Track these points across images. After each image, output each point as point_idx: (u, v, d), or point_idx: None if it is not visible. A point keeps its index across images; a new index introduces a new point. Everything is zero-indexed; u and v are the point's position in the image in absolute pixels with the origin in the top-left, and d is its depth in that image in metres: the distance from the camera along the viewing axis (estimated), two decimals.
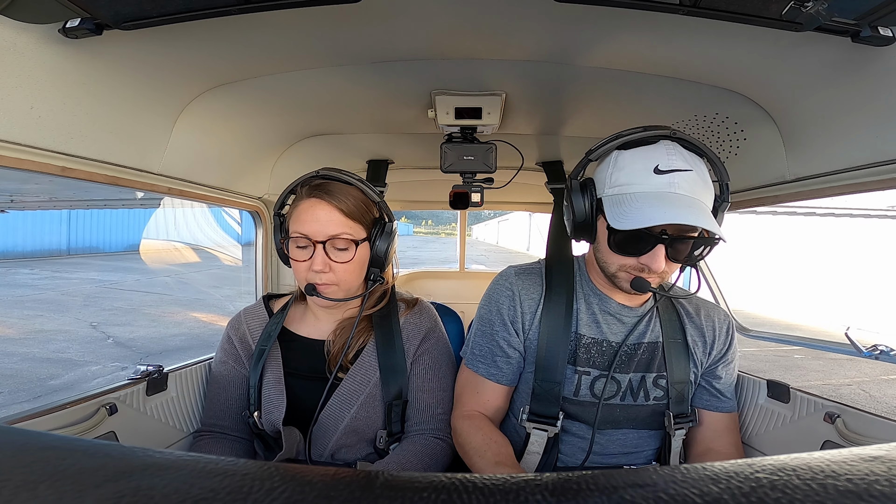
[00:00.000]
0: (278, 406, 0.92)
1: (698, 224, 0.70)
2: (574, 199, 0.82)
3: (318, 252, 0.87)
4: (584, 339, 0.88)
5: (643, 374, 0.88)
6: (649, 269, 0.77)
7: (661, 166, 0.75)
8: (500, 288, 0.94)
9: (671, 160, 0.75)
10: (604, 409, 0.87)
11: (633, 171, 0.77)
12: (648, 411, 0.89)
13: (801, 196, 1.01)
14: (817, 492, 0.15)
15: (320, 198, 0.87)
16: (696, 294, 0.88)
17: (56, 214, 15.34)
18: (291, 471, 0.18)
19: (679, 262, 0.79)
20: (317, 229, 0.86)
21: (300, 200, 0.90)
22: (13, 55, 0.64)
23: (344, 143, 1.43)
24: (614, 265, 0.81)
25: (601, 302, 0.90)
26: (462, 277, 2.96)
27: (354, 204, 0.89)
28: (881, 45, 0.64)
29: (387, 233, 0.94)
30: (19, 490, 0.16)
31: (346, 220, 0.88)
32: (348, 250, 0.89)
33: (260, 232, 1.52)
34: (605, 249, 0.81)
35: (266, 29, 0.78)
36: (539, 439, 0.86)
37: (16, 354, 5.12)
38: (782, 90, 0.89)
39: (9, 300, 7.99)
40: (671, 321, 0.91)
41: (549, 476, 0.17)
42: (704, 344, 0.93)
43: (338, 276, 0.89)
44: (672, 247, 0.76)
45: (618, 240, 0.78)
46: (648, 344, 0.89)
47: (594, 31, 0.79)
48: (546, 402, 0.86)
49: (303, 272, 0.89)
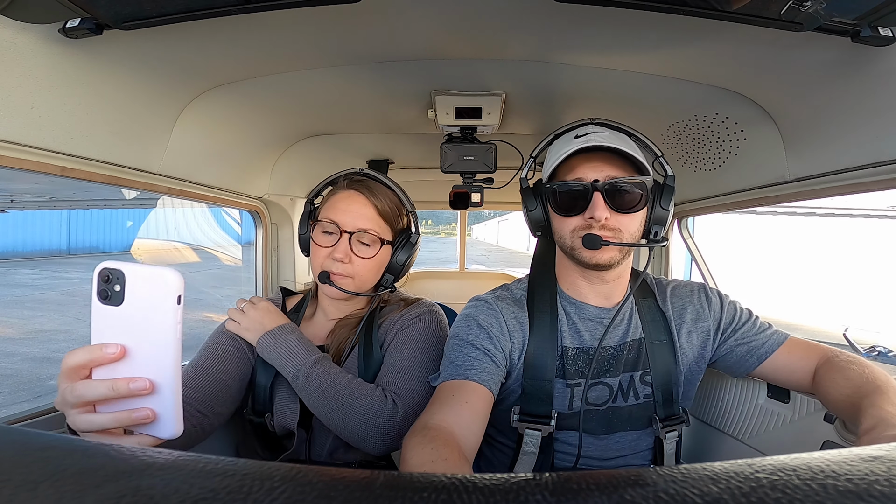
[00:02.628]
0: (292, 407, 0.90)
1: (609, 144, 0.77)
2: (525, 196, 0.89)
3: (342, 240, 0.89)
4: (570, 352, 0.86)
5: (631, 374, 0.87)
6: (595, 220, 0.79)
7: (579, 133, 0.84)
8: (480, 308, 0.88)
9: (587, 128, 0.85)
10: (598, 415, 0.86)
11: (558, 144, 0.86)
12: (640, 410, 0.88)
13: (801, 196, 1.01)
14: (817, 492, 0.15)
15: (359, 191, 0.91)
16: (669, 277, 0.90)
17: (56, 214, 15.34)
18: (291, 471, 0.18)
19: (624, 212, 0.80)
20: (348, 219, 0.89)
21: (338, 191, 0.93)
22: (13, 55, 0.64)
23: (344, 143, 1.43)
24: (567, 234, 0.83)
25: (578, 310, 0.88)
26: (462, 277, 2.96)
27: (389, 206, 0.93)
28: (881, 45, 0.64)
29: (411, 243, 0.96)
30: (19, 490, 0.16)
31: (378, 218, 0.91)
32: (372, 247, 0.91)
33: (260, 232, 1.52)
34: (556, 222, 0.85)
35: (266, 29, 0.78)
36: (533, 439, 0.84)
37: (16, 354, 5.12)
38: (782, 90, 0.89)
39: (9, 300, 7.99)
40: (654, 321, 0.89)
41: (549, 476, 0.17)
42: (701, 329, 0.90)
43: (355, 270, 0.90)
44: (609, 196, 0.79)
45: (559, 200, 0.82)
46: (632, 342, 0.88)
47: (594, 31, 0.79)
48: (537, 400, 0.84)
49: (321, 258, 0.90)
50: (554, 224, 0.87)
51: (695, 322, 0.91)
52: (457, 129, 1.16)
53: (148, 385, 0.46)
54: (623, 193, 0.79)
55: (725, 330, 0.90)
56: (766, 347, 0.88)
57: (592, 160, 0.81)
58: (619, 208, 0.79)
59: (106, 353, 0.46)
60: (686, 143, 1.18)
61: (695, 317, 0.91)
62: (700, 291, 0.94)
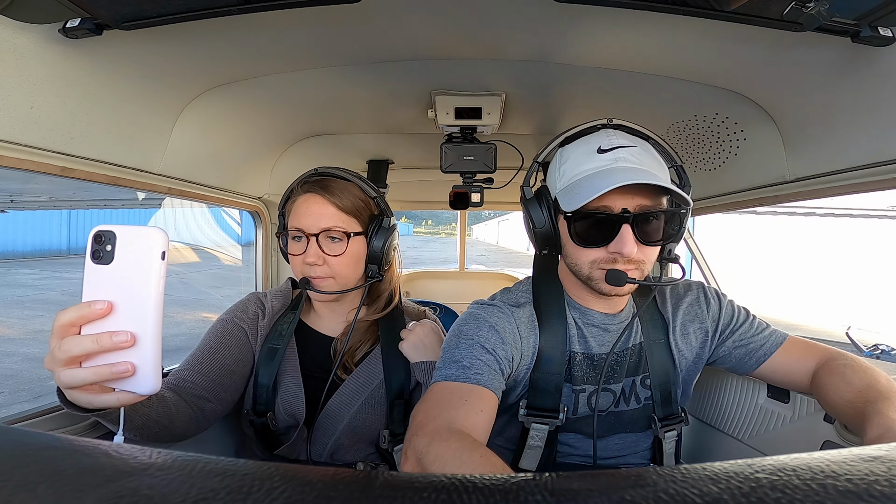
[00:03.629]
0: (298, 398, 0.91)
1: (650, 181, 0.67)
2: (531, 208, 0.79)
3: (311, 245, 0.88)
4: (578, 357, 0.84)
5: (633, 379, 0.87)
6: (621, 255, 0.72)
7: (602, 146, 0.74)
8: (490, 311, 0.83)
9: (611, 140, 0.75)
10: (600, 419, 0.85)
11: (577, 156, 0.76)
12: (640, 414, 0.87)
13: (801, 196, 1.01)
14: (817, 492, 0.15)
15: (314, 192, 0.90)
16: (681, 279, 0.83)
17: (56, 214, 15.34)
18: (291, 471, 0.18)
19: (652, 244, 0.74)
20: (310, 223, 0.88)
21: (296, 196, 0.92)
22: (13, 55, 0.64)
23: (344, 143, 1.43)
24: (585, 264, 0.76)
25: (583, 316, 0.85)
26: (462, 277, 2.96)
27: (350, 199, 0.90)
28: (881, 45, 0.64)
29: (384, 228, 0.94)
30: (19, 490, 0.16)
31: (340, 214, 0.89)
32: (341, 242, 0.90)
33: (260, 232, 1.52)
34: (572, 249, 0.77)
35: (266, 29, 0.78)
36: (539, 433, 0.82)
37: (16, 354, 5.12)
38: (782, 90, 0.89)
39: (9, 300, 7.99)
40: (653, 321, 0.88)
41: (549, 476, 0.17)
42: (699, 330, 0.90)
43: (333, 269, 0.90)
44: (639, 227, 0.71)
45: (579, 230, 0.74)
46: (633, 347, 0.87)
47: (594, 31, 0.79)
48: (546, 393, 0.80)
49: (298, 266, 0.91)
50: (568, 249, 0.79)
51: (693, 322, 0.90)
52: (457, 129, 1.16)
53: (130, 338, 0.49)
54: (653, 224, 0.73)
55: (724, 331, 0.89)
56: (765, 349, 0.86)
57: None
58: (647, 240, 0.73)
59: (94, 310, 0.49)
60: (686, 143, 1.18)
61: (693, 317, 0.90)
62: (699, 291, 0.93)
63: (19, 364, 4.80)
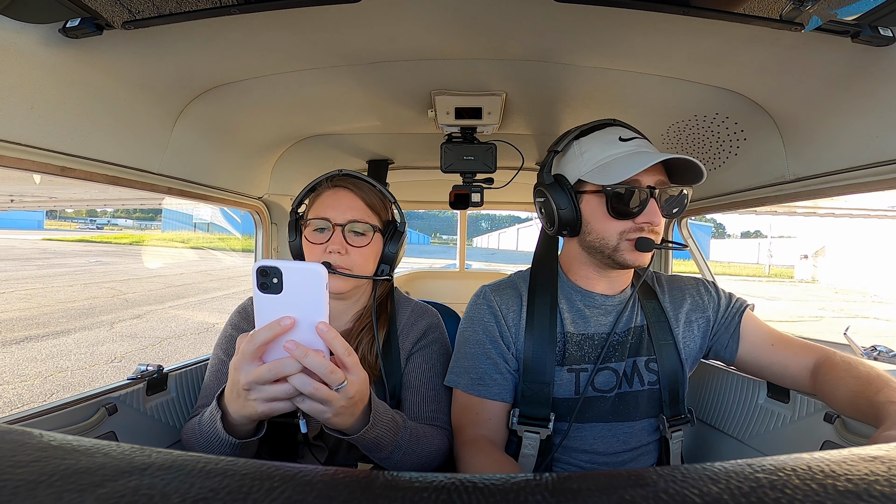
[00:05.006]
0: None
1: (685, 157, 0.77)
2: (553, 193, 0.86)
3: (336, 233, 0.90)
4: (575, 337, 0.88)
5: (634, 359, 0.89)
6: (651, 225, 0.80)
7: (622, 136, 0.83)
8: (481, 308, 0.93)
9: (627, 132, 0.84)
10: (607, 402, 0.87)
11: (601, 144, 0.84)
12: (645, 397, 0.89)
13: (801, 196, 1.01)
14: (817, 492, 0.15)
15: (344, 186, 0.94)
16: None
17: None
18: (291, 471, 0.18)
19: (668, 216, 0.84)
20: (338, 213, 0.91)
21: (323, 191, 0.95)
22: (13, 55, 0.64)
23: (344, 143, 1.43)
24: (614, 236, 0.83)
25: (584, 298, 0.91)
26: (462, 277, 2.96)
27: (375, 198, 0.96)
28: (881, 45, 0.64)
29: (399, 232, 0.99)
30: (19, 490, 0.16)
31: (366, 209, 0.93)
32: (366, 235, 0.93)
33: (260, 232, 1.52)
34: (602, 224, 0.84)
35: (266, 29, 0.78)
36: (532, 442, 0.86)
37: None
38: (782, 90, 0.89)
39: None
40: (660, 322, 0.92)
41: (549, 476, 0.17)
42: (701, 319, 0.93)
43: (352, 261, 0.91)
44: (660, 202, 0.81)
45: (615, 204, 0.81)
46: (635, 328, 0.90)
47: (594, 31, 0.79)
48: (535, 403, 0.86)
49: (317, 254, 0.91)
50: (594, 224, 0.85)
51: (694, 312, 0.94)
52: (457, 129, 1.16)
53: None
54: (671, 200, 0.83)
55: (719, 319, 0.94)
56: (734, 323, 0.92)
57: None
58: (665, 213, 0.82)
59: (284, 326, 0.56)
60: (686, 143, 1.18)
61: (694, 307, 0.94)
62: (699, 283, 0.98)
63: None
